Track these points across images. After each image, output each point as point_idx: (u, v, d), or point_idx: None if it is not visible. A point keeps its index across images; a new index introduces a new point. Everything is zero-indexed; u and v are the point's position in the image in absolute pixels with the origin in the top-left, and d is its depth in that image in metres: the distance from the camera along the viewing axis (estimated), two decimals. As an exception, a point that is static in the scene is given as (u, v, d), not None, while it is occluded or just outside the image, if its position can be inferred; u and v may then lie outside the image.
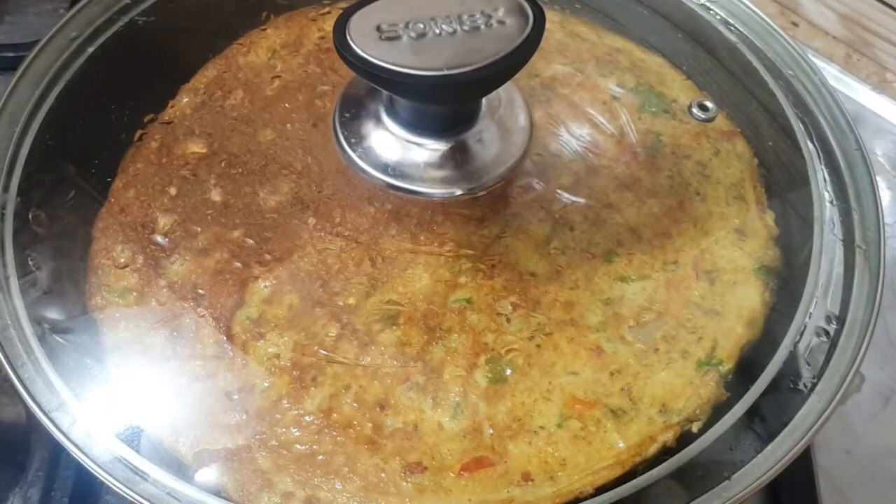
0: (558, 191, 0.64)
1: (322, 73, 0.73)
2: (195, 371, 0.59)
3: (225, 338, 0.60)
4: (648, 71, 0.71)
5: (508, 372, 0.56)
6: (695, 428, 0.55)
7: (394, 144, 0.61)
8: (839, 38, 0.87)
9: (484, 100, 0.61)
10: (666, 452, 0.54)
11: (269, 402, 0.57)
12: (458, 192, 0.48)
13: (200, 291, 0.62)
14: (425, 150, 0.60)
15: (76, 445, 0.53)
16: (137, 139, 0.70)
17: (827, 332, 0.56)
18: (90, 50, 0.69)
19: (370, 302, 0.60)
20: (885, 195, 0.79)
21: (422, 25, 0.51)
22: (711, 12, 0.72)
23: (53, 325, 0.59)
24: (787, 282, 0.60)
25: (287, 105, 0.72)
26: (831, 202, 0.62)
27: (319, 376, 0.57)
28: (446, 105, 0.58)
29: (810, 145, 0.64)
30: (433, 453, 0.54)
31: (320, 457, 0.54)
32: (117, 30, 0.70)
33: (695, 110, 0.69)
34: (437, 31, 0.51)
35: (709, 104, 0.69)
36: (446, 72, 0.43)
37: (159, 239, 0.65)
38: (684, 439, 0.54)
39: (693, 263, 0.60)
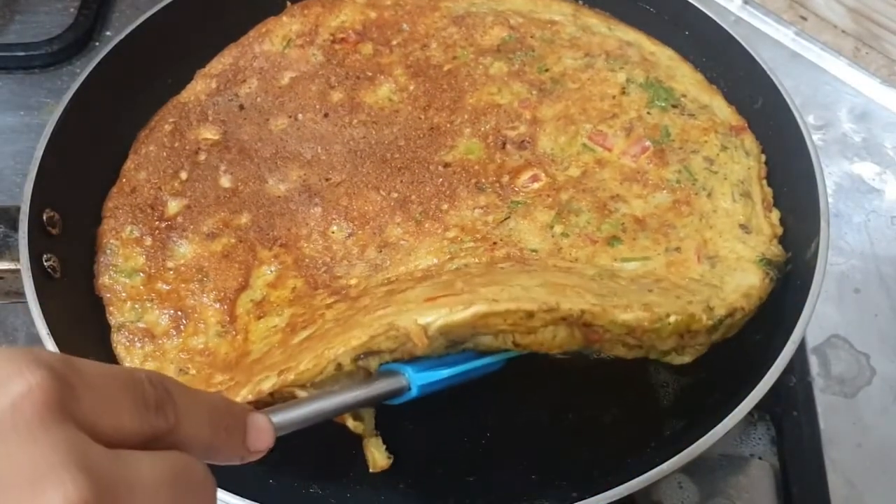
0: (565, 181, 0.64)
1: (336, 63, 0.74)
2: (198, 348, 0.59)
3: (228, 318, 0.60)
4: (658, 65, 0.71)
5: None
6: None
7: None
8: (848, 31, 0.87)
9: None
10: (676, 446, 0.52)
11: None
12: None
13: (206, 274, 0.63)
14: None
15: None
16: (151, 122, 0.71)
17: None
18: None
19: (372, 283, 0.60)
20: (894, 187, 0.78)
21: None
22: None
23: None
24: (794, 277, 0.59)
25: (299, 95, 0.72)
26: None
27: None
28: None
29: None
30: None
31: None
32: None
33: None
34: None
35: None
36: None
37: (168, 222, 0.66)
38: (693, 434, 0.53)
39: (696, 250, 0.59)
